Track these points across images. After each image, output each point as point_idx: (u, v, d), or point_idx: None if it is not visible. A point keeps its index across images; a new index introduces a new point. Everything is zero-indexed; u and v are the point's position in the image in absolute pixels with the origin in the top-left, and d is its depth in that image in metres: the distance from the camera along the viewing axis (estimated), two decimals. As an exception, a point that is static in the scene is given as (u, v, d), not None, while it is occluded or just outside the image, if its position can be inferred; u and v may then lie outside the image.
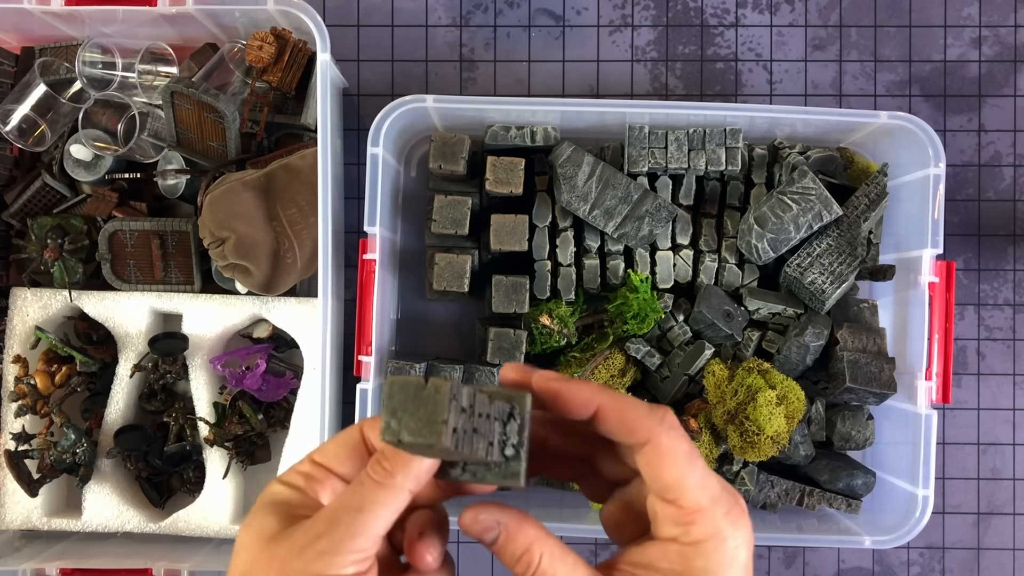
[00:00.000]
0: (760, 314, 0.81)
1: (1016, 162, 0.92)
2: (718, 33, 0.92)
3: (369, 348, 0.78)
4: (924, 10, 0.92)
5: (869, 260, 0.84)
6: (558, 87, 0.92)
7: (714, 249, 0.82)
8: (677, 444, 0.37)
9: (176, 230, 0.85)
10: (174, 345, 0.85)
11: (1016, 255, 0.92)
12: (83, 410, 0.89)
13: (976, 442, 0.92)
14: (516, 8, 0.92)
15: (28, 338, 0.86)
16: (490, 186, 0.80)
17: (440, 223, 0.81)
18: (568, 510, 0.85)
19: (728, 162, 0.80)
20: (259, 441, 0.88)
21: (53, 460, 0.83)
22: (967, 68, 0.92)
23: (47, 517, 0.87)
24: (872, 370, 0.78)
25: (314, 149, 0.81)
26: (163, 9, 0.77)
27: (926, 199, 0.78)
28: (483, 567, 0.91)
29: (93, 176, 0.87)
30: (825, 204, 0.78)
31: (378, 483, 0.36)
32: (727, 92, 0.92)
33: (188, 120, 0.83)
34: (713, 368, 0.79)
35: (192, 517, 0.86)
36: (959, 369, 0.92)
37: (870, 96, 0.92)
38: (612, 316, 0.81)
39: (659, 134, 0.81)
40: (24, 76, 0.86)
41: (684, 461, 0.37)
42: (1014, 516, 0.91)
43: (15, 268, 0.89)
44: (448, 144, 0.81)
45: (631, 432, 0.37)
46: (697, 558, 0.36)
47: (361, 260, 0.79)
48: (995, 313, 0.92)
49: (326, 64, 0.77)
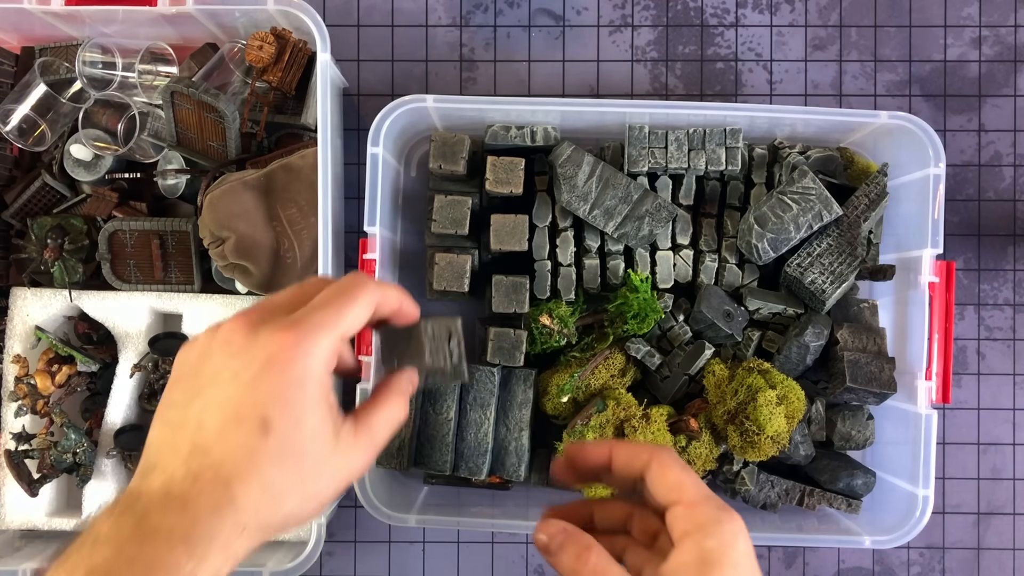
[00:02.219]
0: (760, 314, 0.81)
1: (1016, 162, 0.92)
2: (718, 33, 0.92)
3: (369, 348, 0.78)
4: (924, 10, 0.92)
5: (869, 260, 0.84)
6: (558, 87, 0.92)
7: (714, 249, 0.82)
8: (674, 458, 0.48)
9: (176, 230, 0.85)
10: (174, 345, 0.85)
11: (1016, 255, 0.92)
12: (83, 410, 0.89)
13: (976, 442, 0.92)
14: (516, 8, 0.92)
15: (28, 338, 0.86)
16: (490, 186, 0.80)
17: (440, 223, 0.81)
18: (568, 510, 0.85)
19: (728, 162, 0.80)
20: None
21: (53, 460, 0.83)
22: (967, 68, 0.92)
23: (47, 517, 0.87)
24: (872, 370, 0.78)
25: (314, 149, 0.81)
26: (163, 9, 0.77)
27: (926, 199, 0.78)
28: (483, 567, 0.91)
29: (93, 176, 0.87)
30: (825, 204, 0.78)
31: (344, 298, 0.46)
32: (727, 92, 0.92)
33: (188, 120, 0.83)
34: (713, 368, 0.79)
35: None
36: (959, 369, 0.92)
37: (870, 96, 0.92)
38: (612, 316, 0.81)
39: (659, 134, 0.81)
40: (24, 76, 0.86)
41: (681, 468, 0.47)
42: (1014, 516, 0.91)
43: (15, 268, 0.89)
44: (448, 144, 0.81)
45: (638, 456, 0.48)
46: (706, 540, 0.44)
47: (361, 260, 0.79)
48: (995, 313, 0.92)
49: (326, 64, 0.77)
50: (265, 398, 0.42)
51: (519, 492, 0.87)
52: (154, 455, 0.44)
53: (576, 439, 0.78)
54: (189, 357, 0.46)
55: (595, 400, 0.79)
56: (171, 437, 0.44)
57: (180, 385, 0.45)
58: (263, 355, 0.43)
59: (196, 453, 0.42)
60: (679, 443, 0.78)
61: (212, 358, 0.44)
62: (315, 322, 0.44)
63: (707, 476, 0.82)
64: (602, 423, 0.77)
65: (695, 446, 0.78)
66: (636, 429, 0.76)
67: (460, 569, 0.91)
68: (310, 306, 0.45)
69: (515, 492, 0.87)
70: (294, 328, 0.43)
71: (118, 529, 0.41)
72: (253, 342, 0.43)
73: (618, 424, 0.77)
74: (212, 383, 0.43)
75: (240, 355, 0.43)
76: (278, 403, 0.42)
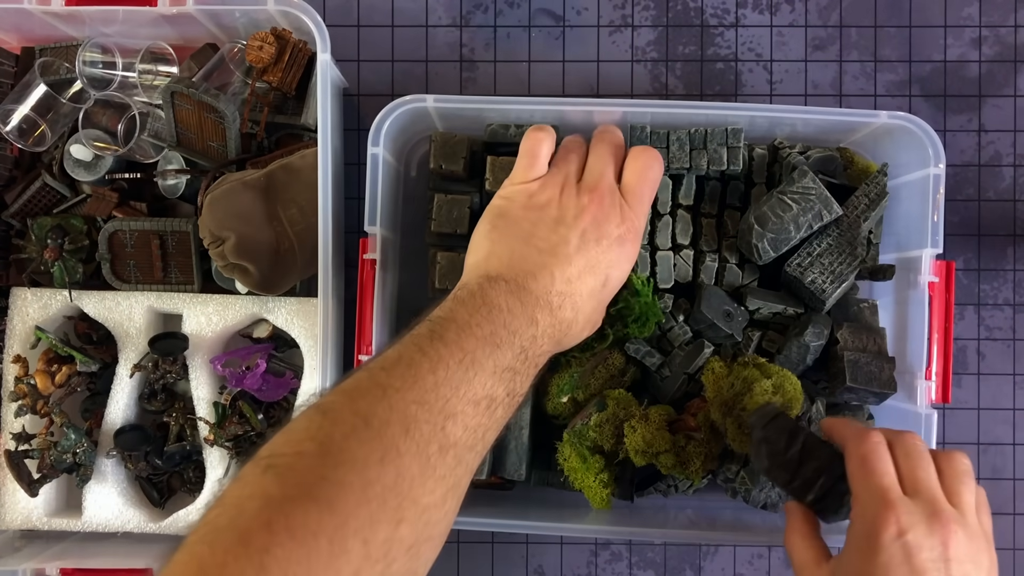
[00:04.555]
0: (760, 314, 0.81)
1: (1016, 162, 0.92)
2: (718, 33, 0.92)
3: (369, 348, 0.78)
4: (924, 10, 0.92)
5: (869, 260, 0.84)
6: (558, 87, 0.92)
7: (714, 249, 0.82)
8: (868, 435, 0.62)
9: (176, 230, 0.85)
10: (174, 345, 0.85)
11: (1016, 255, 0.92)
12: (83, 410, 0.89)
13: (976, 442, 0.92)
14: (516, 8, 0.92)
15: (28, 338, 0.86)
16: (490, 186, 0.80)
17: (440, 222, 0.81)
18: (568, 510, 0.85)
19: (730, 162, 0.80)
20: (259, 441, 0.88)
21: (53, 460, 0.83)
22: (967, 68, 0.92)
23: (47, 517, 0.87)
24: (872, 370, 0.78)
25: (314, 149, 0.81)
26: (163, 9, 0.77)
27: (926, 199, 0.78)
28: (483, 567, 0.91)
29: (93, 176, 0.87)
30: (825, 204, 0.78)
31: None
32: (727, 92, 0.92)
33: (188, 120, 0.83)
34: (713, 366, 0.79)
35: (192, 517, 0.86)
36: (959, 369, 0.92)
37: (870, 96, 0.92)
38: (612, 319, 0.81)
39: (660, 134, 0.80)
40: (24, 76, 0.86)
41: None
42: (1014, 516, 0.91)
43: (15, 268, 0.89)
44: (448, 144, 0.81)
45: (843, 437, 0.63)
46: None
47: (361, 260, 0.79)
48: (995, 313, 0.92)
49: (326, 64, 0.77)
50: (613, 263, 0.64)
51: (519, 492, 0.87)
52: (480, 262, 0.63)
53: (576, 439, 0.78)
54: (525, 192, 0.66)
55: (595, 400, 0.79)
56: (533, 256, 0.61)
57: (530, 211, 0.64)
58: (617, 232, 0.65)
59: (565, 281, 0.61)
60: (679, 443, 0.78)
61: (566, 205, 0.64)
62: (640, 210, 0.68)
63: (707, 476, 0.82)
64: (601, 423, 0.77)
65: (694, 445, 0.78)
66: (636, 429, 0.76)
67: (460, 569, 0.91)
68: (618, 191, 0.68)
69: (515, 492, 0.87)
70: (631, 218, 0.67)
71: (461, 301, 0.57)
72: (608, 213, 0.65)
73: (618, 424, 0.77)
74: (572, 223, 0.64)
75: (599, 221, 0.64)
76: (618, 271, 0.65)
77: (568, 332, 0.62)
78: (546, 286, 0.60)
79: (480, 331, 0.53)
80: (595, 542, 0.92)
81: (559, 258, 0.61)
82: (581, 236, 0.62)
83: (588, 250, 0.62)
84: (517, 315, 0.56)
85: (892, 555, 0.54)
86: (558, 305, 0.60)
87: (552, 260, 0.61)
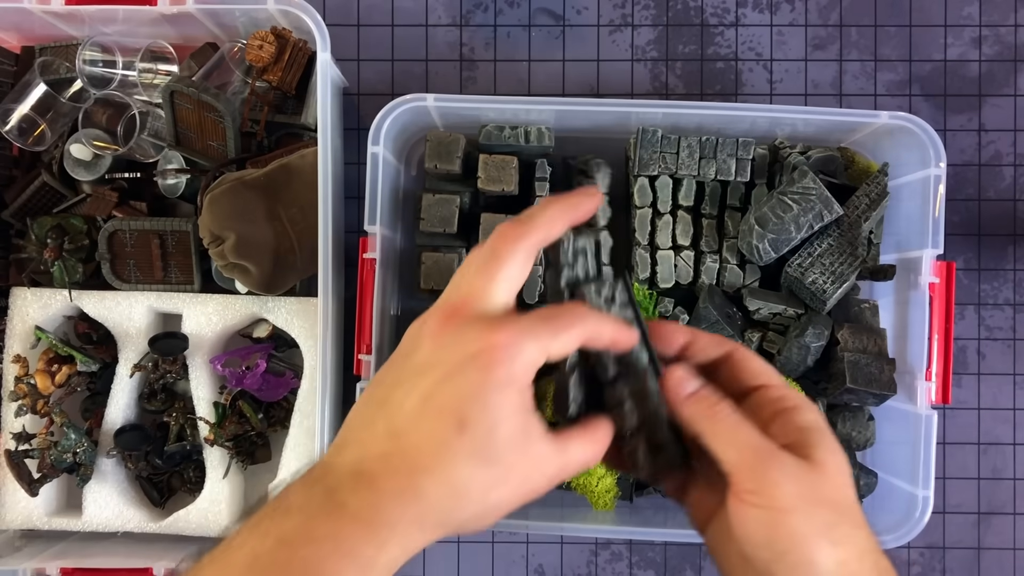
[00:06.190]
0: (761, 314, 0.81)
1: (1016, 162, 0.92)
2: (718, 33, 0.92)
3: (369, 347, 0.78)
4: (924, 10, 0.92)
5: (870, 260, 0.84)
6: (558, 87, 0.92)
7: (715, 250, 0.82)
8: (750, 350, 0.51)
9: (176, 230, 0.85)
10: (174, 345, 0.85)
11: (1016, 255, 0.92)
12: (83, 410, 0.89)
13: (976, 442, 0.92)
14: (516, 8, 0.92)
15: (28, 338, 0.86)
16: (482, 184, 0.80)
17: (428, 221, 0.81)
18: (568, 510, 0.85)
19: (738, 173, 0.81)
20: (259, 441, 0.89)
21: (53, 460, 0.83)
22: (967, 68, 0.92)
23: (47, 517, 0.87)
24: (872, 371, 0.78)
25: (314, 149, 0.81)
26: (163, 9, 0.77)
27: (926, 199, 0.78)
28: (483, 567, 0.91)
29: (93, 176, 0.86)
30: (826, 204, 0.78)
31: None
32: (727, 92, 0.92)
33: (188, 120, 0.83)
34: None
35: (192, 517, 0.86)
36: (959, 369, 0.92)
37: (870, 96, 0.92)
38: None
39: (672, 139, 0.80)
40: (24, 76, 0.86)
41: (763, 360, 0.49)
42: (1014, 516, 0.91)
43: (15, 268, 0.89)
44: (443, 143, 0.81)
45: (721, 344, 0.49)
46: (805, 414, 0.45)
47: (361, 259, 0.79)
48: (995, 313, 0.92)
49: (326, 64, 0.77)
50: (465, 395, 0.41)
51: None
52: (352, 431, 0.45)
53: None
54: (405, 340, 0.46)
55: None
56: (371, 415, 0.44)
57: (393, 366, 0.45)
58: (471, 350, 0.42)
59: (391, 435, 0.42)
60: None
61: (422, 346, 0.44)
62: (526, 329, 0.42)
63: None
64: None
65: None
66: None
67: (460, 569, 0.91)
68: (526, 315, 0.44)
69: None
70: (505, 330, 0.42)
71: (308, 500, 0.42)
72: (461, 336, 0.43)
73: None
74: (417, 371, 0.43)
75: (448, 348, 0.43)
76: (477, 403, 0.41)
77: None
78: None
79: None
80: (595, 542, 0.92)
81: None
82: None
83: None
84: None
85: None
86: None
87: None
